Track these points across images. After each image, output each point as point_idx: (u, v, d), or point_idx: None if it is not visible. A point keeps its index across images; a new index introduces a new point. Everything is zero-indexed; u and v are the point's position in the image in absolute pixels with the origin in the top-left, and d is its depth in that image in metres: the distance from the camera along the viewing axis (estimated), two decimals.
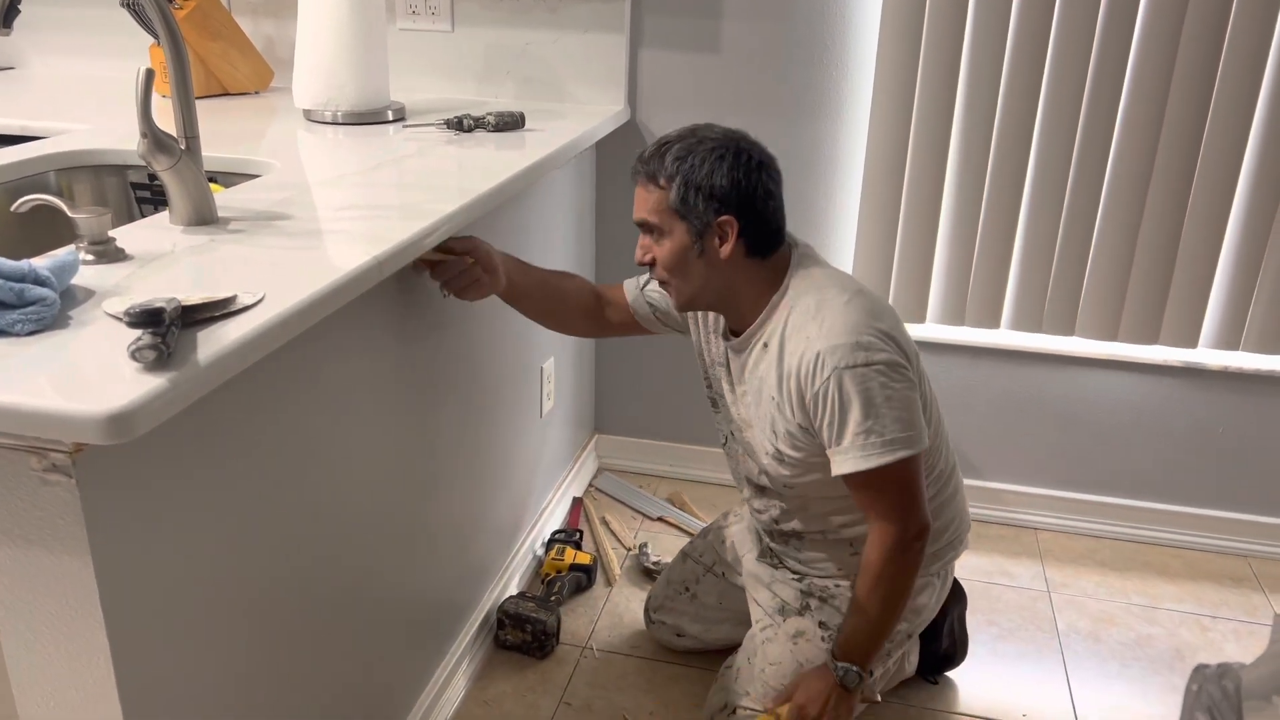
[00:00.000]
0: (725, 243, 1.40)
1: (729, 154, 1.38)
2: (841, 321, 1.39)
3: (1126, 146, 2.03)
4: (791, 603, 1.65)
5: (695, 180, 1.37)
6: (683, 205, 1.38)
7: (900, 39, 2.05)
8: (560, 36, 2.20)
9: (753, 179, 1.38)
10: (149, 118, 1.17)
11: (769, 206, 1.41)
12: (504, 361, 1.87)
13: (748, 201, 1.39)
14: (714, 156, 1.37)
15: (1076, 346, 2.22)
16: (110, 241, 1.10)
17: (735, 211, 1.38)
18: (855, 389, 1.35)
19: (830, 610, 1.63)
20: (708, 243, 1.40)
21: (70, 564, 0.87)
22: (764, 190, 1.40)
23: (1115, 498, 2.32)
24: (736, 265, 1.42)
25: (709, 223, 1.38)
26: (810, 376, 1.38)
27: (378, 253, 1.16)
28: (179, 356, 0.86)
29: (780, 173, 1.44)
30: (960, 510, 1.67)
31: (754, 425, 1.55)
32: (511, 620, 1.85)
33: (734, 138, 1.41)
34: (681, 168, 1.37)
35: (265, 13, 2.32)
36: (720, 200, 1.37)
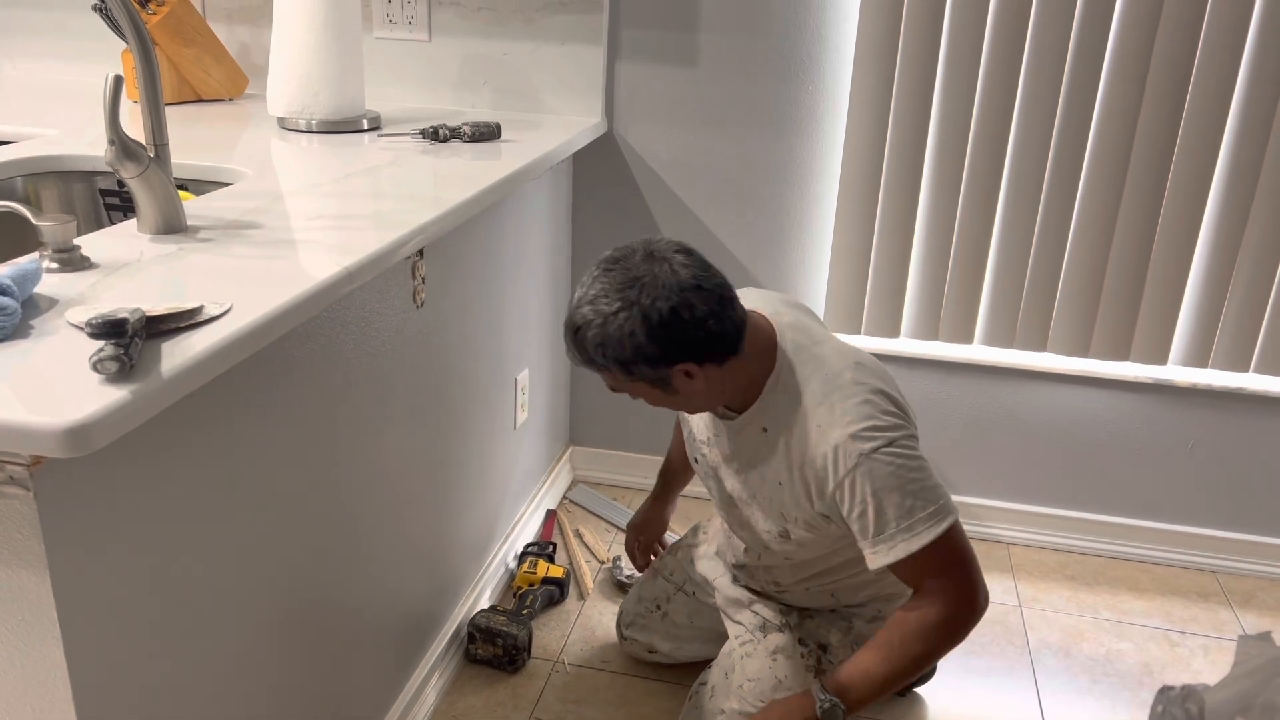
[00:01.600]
0: (694, 378, 1.34)
1: (638, 323, 1.28)
2: (853, 405, 1.35)
3: (1098, 164, 2.05)
4: (773, 619, 1.65)
5: (626, 359, 1.31)
6: (631, 378, 1.35)
7: (876, 55, 2.06)
8: (538, 48, 2.20)
9: (673, 330, 1.28)
10: (117, 124, 1.15)
11: (706, 331, 1.30)
12: (477, 372, 1.86)
13: (685, 348, 1.31)
14: (627, 331, 1.28)
15: (1048, 362, 2.23)
16: (75, 249, 1.08)
17: (682, 359, 1.32)
18: (886, 474, 1.32)
19: (807, 631, 1.62)
20: (676, 384, 1.35)
21: (27, 579, 0.86)
22: (693, 324, 1.29)
23: (1085, 513, 2.34)
24: (713, 380, 1.37)
25: (665, 378, 1.34)
26: (833, 468, 1.35)
27: (348, 263, 1.15)
28: (142, 368, 0.85)
29: (700, 286, 1.29)
30: None
31: (754, 504, 1.52)
32: (482, 634, 1.84)
33: (630, 300, 1.28)
34: (607, 353, 1.31)
35: (240, 19, 2.30)
36: (662, 361, 1.31)
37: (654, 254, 1.31)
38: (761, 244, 2.27)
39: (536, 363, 2.20)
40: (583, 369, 1.44)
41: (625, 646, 1.92)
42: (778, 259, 2.28)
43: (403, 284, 1.50)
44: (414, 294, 1.54)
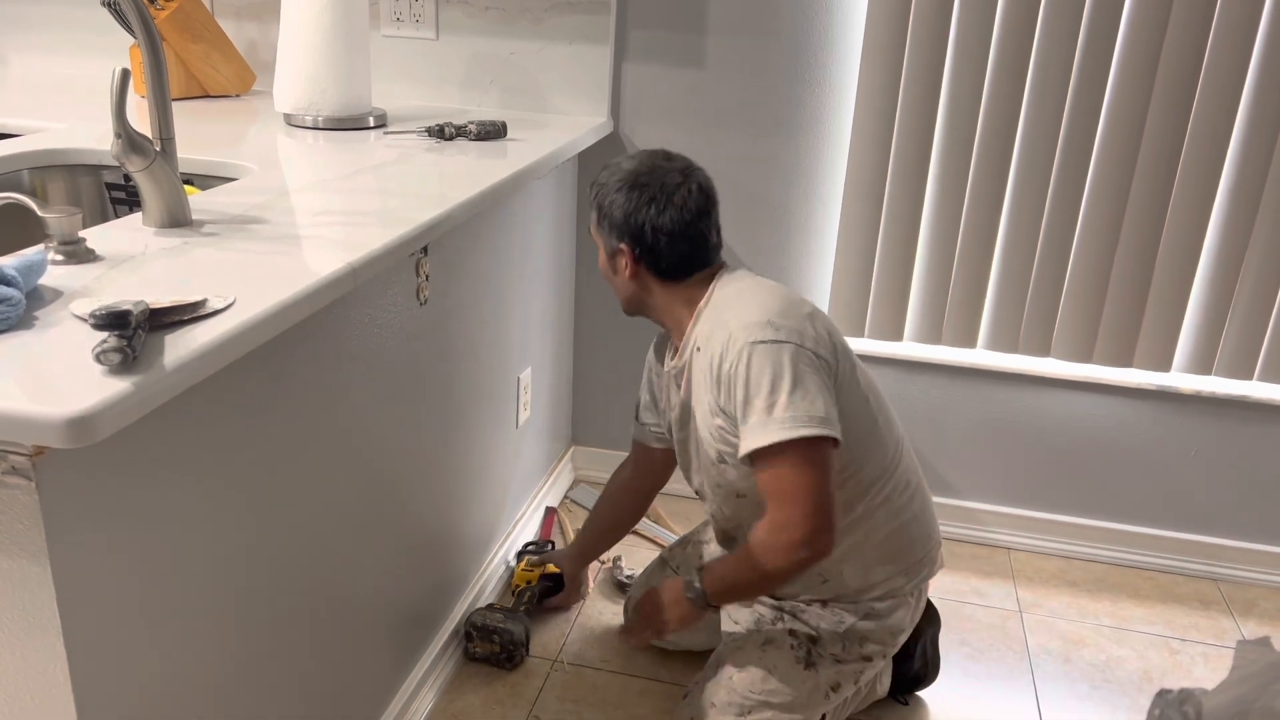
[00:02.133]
0: (626, 266, 1.51)
1: (634, 188, 1.47)
2: (757, 305, 1.44)
3: (1104, 170, 2.05)
4: (765, 614, 1.66)
5: (604, 207, 1.51)
6: (598, 228, 1.53)
7: (882, 58, 2.06)
8: (544, 47, 2.21)
9: (641, 215, 1.47)
10: (124, 118, 1.16)
11: (660, 241, 1.48)
12: (480, 371, 1.86)
13: (638, 234, 1.48)
14: (620, 188, 1.48)
15: (1052, 368, 2.23)
16: (80, 242, 1.09)
17: (629, 241, 1.49)
18: (763, 363, 1.39)
19: (799, 623, 1.63)
20: (616, 263, 1.54)
21: (28, 569, 0.86)
22: (652, 226, 1.47)
23: (1087, 519, 2.33)
24: (646, 285, 1.52)
25: (614, 247, 1.52)
26: (724, 354, 1.43)
27: (352, 259, 1.15)
28: (145, 360, 0.85)
29: (693, 210, 1.48)
30: (928, 528, 1.67)
31: (702, 438, 1.56)
32: (479, 632, 1.83)
33: (641, 172, 1.48)
34: (599, 195, 1.51)
35: (248, 15, 2.31)
36: (617, 230, 1.50)
37: (690, 177, 1.50)
38: (765, 246, 2.27)
39: (540, 362, 2.20)
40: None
41: None
42: (781, 261, 2.28)
43: (407, 281, 1.50)
44: (418, 291, 1.54)
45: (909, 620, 1.67)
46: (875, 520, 1.58)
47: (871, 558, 1.60)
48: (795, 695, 1.59)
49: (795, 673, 1.59)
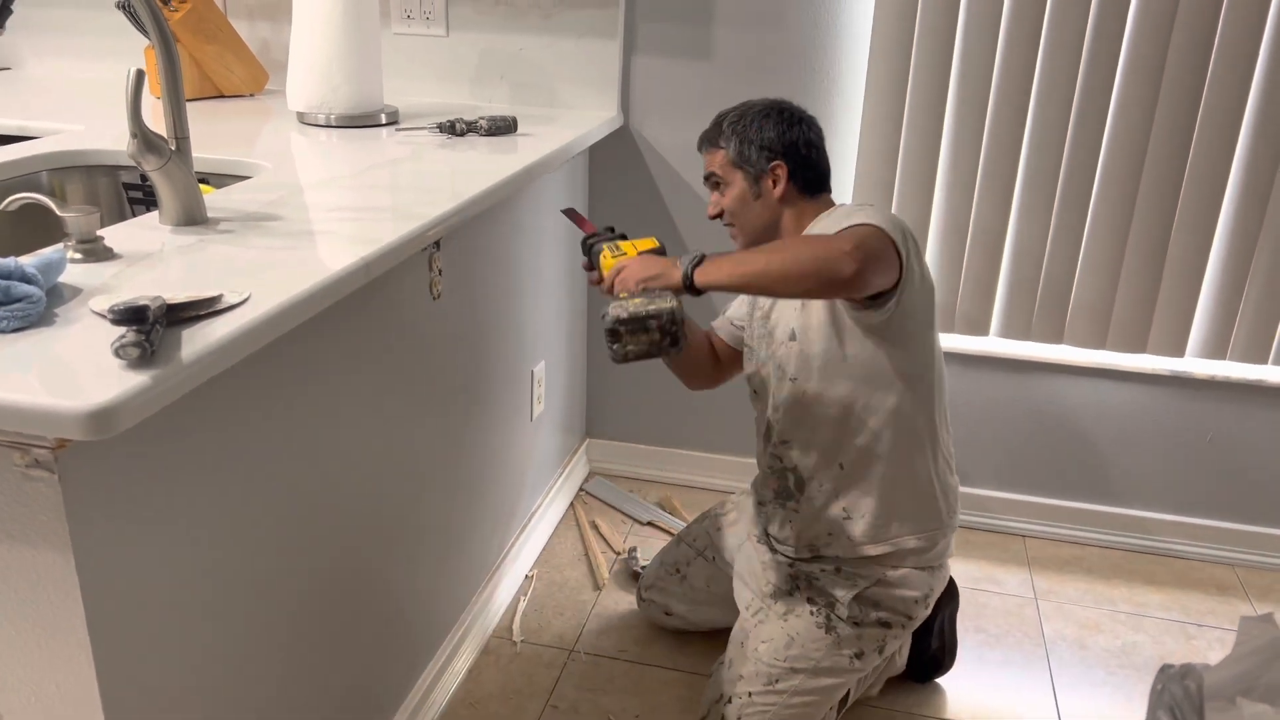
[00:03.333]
0: (778, 185, 1.63)
1: (774, 113, 1.64)
2: (856, 204, 1.61)
3: (1115, 156, 2.05)
4: (782, 585, 1.68)
5: (748, 136, 1.63)
6: (740, 158, 1.64)
7: (891, 49, 2.06)
8: (554, 42, 2.22)
9: (795, 131, 1.63)
10: (139, 118, 1.18)
11: (811, 153, 1.65)
12: (494, 364, 1.87)
13: (793, 148, 1.62)
14: (761, 116, 1.63)
15: (1065, 354, 2.23)
16: (98, 240, 1.11)
17: (783, 157, 1.62)
18: (864, 207, 1.55)
19: (816, 590, 1.65)
20: (763, 186, 1.63)
21: (52, 559, 0.88)
22: (805, 140, 1.64)
23: (1102, 505, 2.33)
24: (789, 202, 1.64)
25: (763, 169, 1.63)
26: (827, 230, 1.52)
27: (365, 254, 1.17)
28: (163, 354, 0.87)
29: (821, 128, 1.68)
30: (952, 505, 1.68)
31: (778, 326, 1.63)
32: (630, 326, 1.39)
33: (777, 103, 1.67)
34: (736, 129, 1.64)
35: (261, 15, 2.33)
36: (770, 150, 1.62)
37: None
38: None
39: (553, 355, 2.22)
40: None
41: (643, 609, 1.99)
42: None
43: (420, 277, 1.52)
44: (431, 286, 1.55)
45: (923, 594, 1.67)
46: (903, 458, 1.60)
47: (890, 501, 1.61)
48: (820, 659, 1.61)
49: (818, 637, 1.62)
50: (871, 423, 1.57)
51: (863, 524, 1.62)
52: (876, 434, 1.58)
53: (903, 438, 1.59)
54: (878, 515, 1.61)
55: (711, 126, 1.68)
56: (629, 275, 1.47)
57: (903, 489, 1.61)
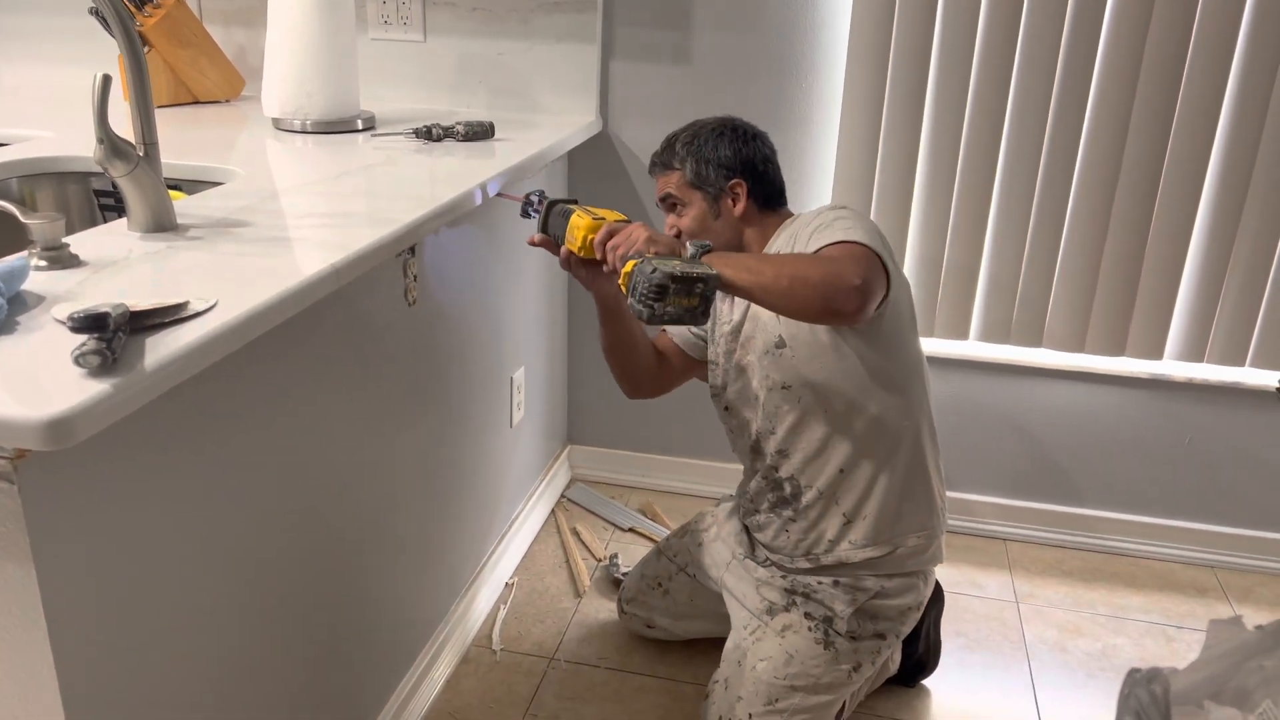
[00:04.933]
0: (738, 202, 1.62)
1: (727, 131, 1.63)
2: (826, 207, 1.60)
3: (1092, 159, 2.05)
4: (778, 601, 1.66)
5: (704, 156, 1.62)
6: (697, 179, 1.62)
7: (869, 50, 2.06)
8: (532, 47, 2.21)
9: (751, 148, 1.63)
10: (106, 123, 1.16)
11: (768, 169, 1.65)
12: (472, 370, 1.86)
13: (750, 165, 1.62)
14: (715, 135, 1.63)
15: (1044, 358, 2.23)
16: (64, 247, 1.09)
17: (741, 175, 1.62)
18: (832, 214, 1.53)
19: (814, 604, 1.64)
20: (723, 205, 1.63)
21: (13, 572, 0.86)
22: (761, 156, 1.64)
23: (1083, 508, 2.34)
24: (750, 219, 1.64)
25: (721, 188, 1.62)
26: (795, 236, 1.55)
27: (335, 260, 1.16)
28: (125, 362, 0.86)
29: (773, 143, 1.67)
30: (943, 500, 1.68)
31: (754, 337, 1.61)
32: (681, 285, 1.31)
33: (728, 120, 1.66)
34: (691, 149, 1.63)
35: (237, 21, 2.31)
36: (728, 168, 1.61)
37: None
38: None
39: (533, 361, 2.21)
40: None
41: (625, 621, 1.97)
42: None
43: (394, 282, 1.50)
44: (406, 292, 1.54)
45: (917, 601, 1.68)
46: (905, 452, 1.60)
47: (894, 498, 1.60)
48: (820, 675, 1.60)
49: (817, 654, 1.61)
50: (870, 425, 1.57)
51: (864, 527, 1.61)
52: (877, 433, 1.57)
53: (904, 434, 1.59)
54: (881, 515, 1.61)
55: (663, 149, 1.66)
56: (637, 236, 1.41)
57: (905, 486, 1.62)
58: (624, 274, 1.38)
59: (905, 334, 1.58)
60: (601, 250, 1.46)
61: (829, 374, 1.55)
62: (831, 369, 1.55)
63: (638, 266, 1.34)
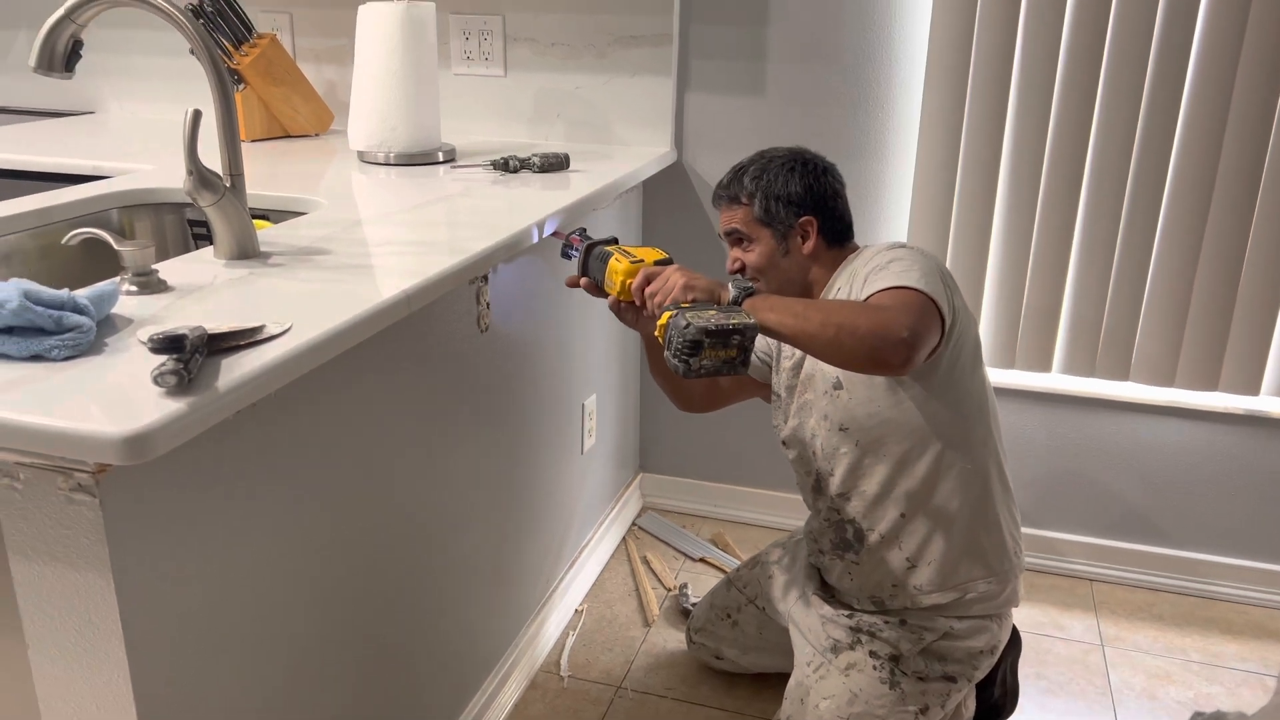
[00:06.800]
0: (808, 239, 1.58)
1: (798, 165, 1.59)
2: (885, 245, 1.56)
3: (1182, 184, 1.99)
4: (843, 639, 1.63)
5: (774, 192, 1.57)
6: (766, 215, 1.58)
7: (946, 81, 2.04)
8: (609, 80, 2.25)
9: (822, 182, 1.59)
10: (195, 156, 1.22)
11: (838, 204, 1.61)
12: (544, 397, 1.89)
13: (821, 201, 1.58)
14: (786, 170, 1.58)
15: (1132, 392, 2.16)
16: (153, 273, 1.15)
17: (813, 212, 1.57)
18: (890, 253, 1.49)
19: (880, 642, 1.60)
20: (791, 243, 1.59)
21: (93, 581, 0.90)
22: (832, 190, 1.60)
23: (1175, 549, 2.24)
24: (819, 257, 1.60)
25: (791, 225, 1.58)
26: (853, 275, 1.52)
27: (406, 286, 1.19)
28: (202, 382, 0.89)
29: (841, 174, 1.63)
30: (1017, 542, 1.62)
31: (814, 375, 1.59)
32: (716, 338, 1.28)
33: (798, 152, 1.62)
34: (760, 184, 1.58)
35: (328, 59, 2.41)
36: (799, 205, 1.57)
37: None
38: None
39: (604, 388, 2.22)
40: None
41: (693, 651, 1.95)
42: None
43: (467, 309, 1.54)
44: (478, 319, 1.57)
45: (990, 645, 1.63)
46: (970, 497, 1.55)
47: (958, 544, 1.56)
48: (885, 716, 1.56)
49: (882, 693, 1.57)
50: (933, 465, 1.52)
51: (929, 571, 1.57)
52: (939, 476, 1.53)
53: (967, 477, 1.54)
54: (945, 560, 1.56)
55: (729, 180, 1.62)
56: (674, 283, 1.37)
57: (970, 530, 1.56)
58: (659, 326, 1.34)
59: (966, 375, 1.53)
60: (640, 296, 1.42)
61: (886, 417, 1.51)
62: (888, 412, 1.51)
63: (672, 319, 1.30)
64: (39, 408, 0.83)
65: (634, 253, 1.49)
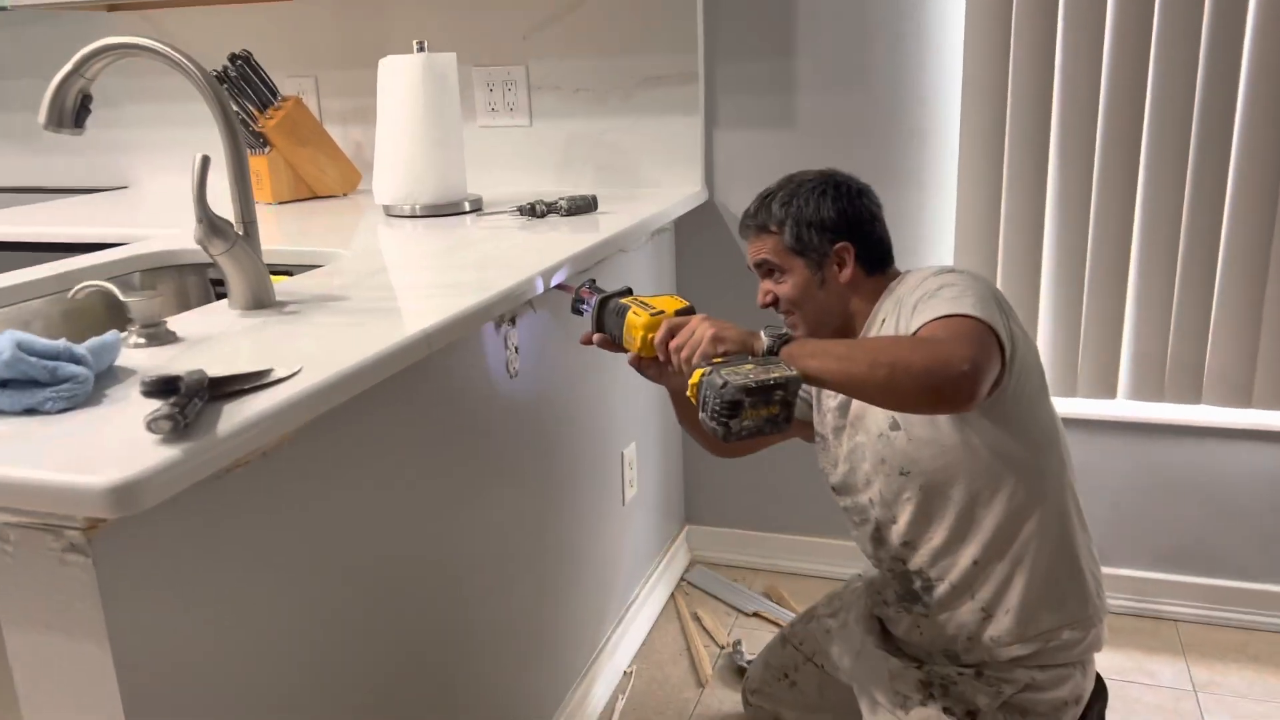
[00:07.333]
0: (845, 267, 1.47)
1: (830, 188, 1.47)
2: (933, 270, 1.44)
3: (1244, 189, 1.88)
4: (913, 695, 1.50)
5: (805, 218, 1.46)
6: (798, 243, 1.47)
7: (983, 103, 1.97)
8: (636, 123, 2.21)
9: (856, 205, 1.47)
10: (204, 203, 1.18)
11: (875, 227, 1.49)
12: (580, 446, 1.81)
13: (856, 226, 1.47)
14: (816, 194, 1.47)
15: (1205, 415, 2.02)
16: (161, 325, 1.10)
17: (848, 237, 1.46)
18: (938, 279, 1.37)
19: (954, 699, 1.47)
20: (827, 272, 1.47)
21: (89, 651, 0.83)
22: (868, 213, 1.48)
23: (1268, 584, 2.08)
24: (858, 286, 1.48)
25: (826, 253, 1.46)
26: (901, 304, 1.40)
27: (426, 325, 1.13)
28: (201, 427, 0.83)
29: (878, 197, 1.52)
30: (1099, 584, 1.49)
31: (865, 416, 1.46)
32: (757, 396, 1.17)
33: (828, 174, 1.51)
34: (790, 210, 1.47)
35: (354, 120, 2.40)
36: (833, 230, 1.45)
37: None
38: None
39: (645, 436, 2.14)
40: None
41: (751, 714, 1.82)
42: None
43: (496, 354, 1.47)
44: (507, 365, 1.51)
45: (1075, 695, 1.49)
46: (1048, 536, 1.42)
47: (1038, 589, 1.43)
48: None
49: None
50: (1005, 507, 1.39)
51: (1007, 621, 1.44)
52: (1012, 519, 1.40)
53: (1044, 514, 1.41)
54: (1024, 609, 1.43)
55: (756, 208, 1.50)
56: (701, 335, 1.25)
57: (1050, 573, 1.43)
58: (691, 385, 1.21)
59: (1034, 405, 1.41)
60: (663, 352, 1.30)
61: (951, 459, 1.39)
62: (955, 453, 1.38)
63: (705, 378, 1.17)
64: (26, 461, 0.78)
65: (652, 304, 1.36)
